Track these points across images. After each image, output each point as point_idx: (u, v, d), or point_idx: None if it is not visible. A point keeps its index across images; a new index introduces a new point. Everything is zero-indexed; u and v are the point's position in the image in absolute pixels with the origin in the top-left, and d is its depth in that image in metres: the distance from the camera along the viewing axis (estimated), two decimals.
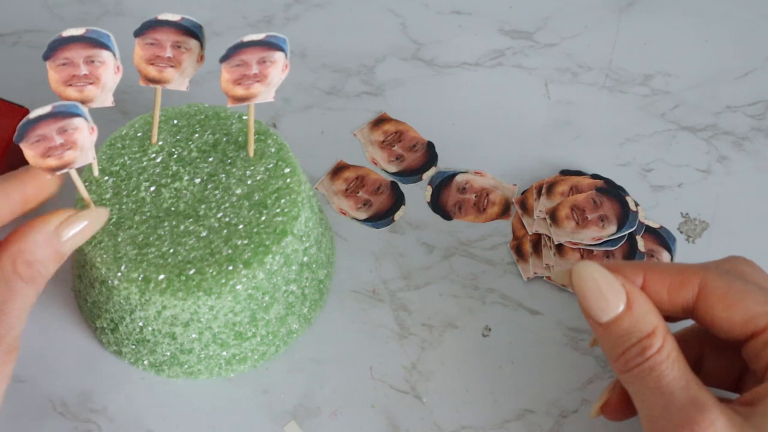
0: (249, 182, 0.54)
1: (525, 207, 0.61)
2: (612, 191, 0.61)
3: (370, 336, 0.57)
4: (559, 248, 0.59)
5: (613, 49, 0.68)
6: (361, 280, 0.59)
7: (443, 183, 0.62)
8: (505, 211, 0.62)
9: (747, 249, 0.61)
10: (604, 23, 0.70)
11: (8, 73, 0.67)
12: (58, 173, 0.49)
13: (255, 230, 0.53)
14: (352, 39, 0.69)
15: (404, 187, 0.63)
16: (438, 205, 0.62)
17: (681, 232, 0.61)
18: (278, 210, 0.53)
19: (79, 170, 0.51)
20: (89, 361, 0.56)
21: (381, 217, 0.61)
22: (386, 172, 0.63)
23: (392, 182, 0.63)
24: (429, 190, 0.62)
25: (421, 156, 0.64)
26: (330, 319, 0.58)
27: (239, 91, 0.51)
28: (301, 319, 0.57)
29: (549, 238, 0.60)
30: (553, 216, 0.60)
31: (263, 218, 0.53)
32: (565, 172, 0.63)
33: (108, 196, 0.54)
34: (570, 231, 0.59)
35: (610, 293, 0.47)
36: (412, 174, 0.63)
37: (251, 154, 0.55)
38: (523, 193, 0.62)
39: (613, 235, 0.59)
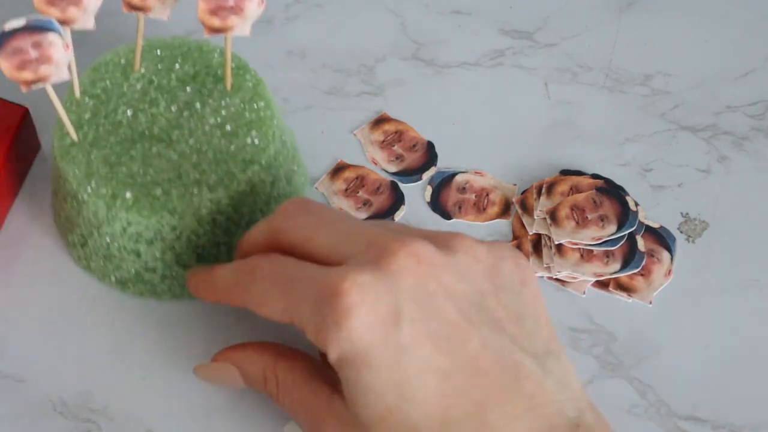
0: (223, 113, 0.56)
1: (525, 207, 0.61)
2: (612, 191, 0.61)
3: None
4: (559, 248, 0.59)
5: (613, 49, 0.68)
6: None
7: (443, 183, 0.62)
8: (505, 211, 0.62)
9: (747, 249, 0.61)
10: (604, 23, 0.70)
11: None
12: (34, 87, 0.50)
13: (224, 158, 0.54)
14: (352, 39, 0.69)
15: (404, 187, 0.62)
16: (438, 205, 0.62)
17: (681, 232, 0.61)
18: (248, 141, 0.55)
19: (62, 93, 0.53)
20: (89, 361, 0.56)
21: (381, 217, 0.61)
22: (386, 172, 0.63)
23: (392, 182, 0.63)
24: (429, 190, 0.62)
25: (421, 156, 0.64)
26: None
27: (215, 22, 0.52)
28: None
29: (549, 238, 0.60)
30: (553, 216, 0.60)
31: (233, 147, 0.55)
32: (565, 172, 0.63)
33: (87, 116, 0.56)
34: (570, 231, 0.59)
35: (226, 377, 0.52)
36: (412, 174, 0.63)
37: (228, 87, 0.56)
38: (523, 193, 0.62)
39: (613, 234, 0.59)
